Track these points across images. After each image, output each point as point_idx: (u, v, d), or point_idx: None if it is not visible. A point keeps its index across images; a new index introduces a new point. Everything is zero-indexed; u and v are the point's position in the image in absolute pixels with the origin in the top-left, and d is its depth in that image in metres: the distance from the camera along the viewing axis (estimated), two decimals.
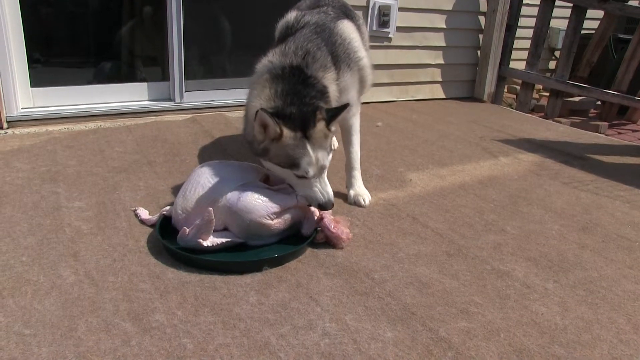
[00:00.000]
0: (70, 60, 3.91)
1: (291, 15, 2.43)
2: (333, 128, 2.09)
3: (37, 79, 3.50)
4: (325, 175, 2.07)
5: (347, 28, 2.44)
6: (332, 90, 2.22)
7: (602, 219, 2.47)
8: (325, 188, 2.05)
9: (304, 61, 2.17)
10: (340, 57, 2.31)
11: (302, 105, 2.04)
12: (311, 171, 2.00)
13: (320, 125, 2.01)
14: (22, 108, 3.44)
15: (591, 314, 1.71)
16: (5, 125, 3.33)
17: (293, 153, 1.99)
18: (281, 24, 2.46)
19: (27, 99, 3.48)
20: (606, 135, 4.42)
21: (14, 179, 2.55)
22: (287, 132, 1.99)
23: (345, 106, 2.09)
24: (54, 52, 3.84)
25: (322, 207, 2.04)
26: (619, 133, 4.66)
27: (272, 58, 2.24)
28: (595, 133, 4.34)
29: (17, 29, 3.32)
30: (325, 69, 2.21)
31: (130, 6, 4.02)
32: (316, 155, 2.00)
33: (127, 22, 4.05)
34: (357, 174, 2.55)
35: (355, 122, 2.53)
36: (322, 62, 2.21)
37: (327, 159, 2.04)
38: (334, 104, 2.21)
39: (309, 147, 1.99)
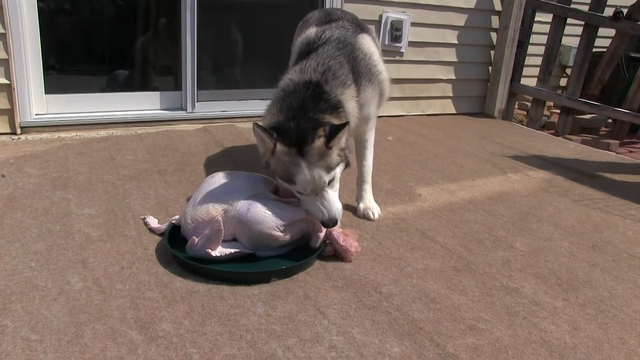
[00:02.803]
0: (84, 68, 3.95)
1: (311, 31, 2.41)
2: (342, 144, 2.04)
3: (52, 86, 3.54)
4: (330, 191, 2.01)
5: (367, 42, 2.44)
6: (351, 106, 2.20)
7: (612, 237, 2.44)
8: (326, 204, 1.98)
9: (323, 77, 2.15)
10: (361, 72, 2.30)
11: (304, 121, 2.00)
12: (307, 189, 1.97)
13: (319, 142, 1.96)
14: (35, 114, 3.48)
15: (601, 334, 1.69)
16: (18, 130, 3.37)
17: (288, 169, 1.97)
18: (301, 39, 2.44)
19: (41, 105, 3.51)
20: (617, 153, 4.39)
21: (25, 184, 2.57)
22: (280, 147, 1.96)
23: (344, 125, 1.99)
24: (69, 59, 3.89)
25: (323, 224, 2.01)
26: (630, 151, 4.63)
27: (291, 75, 2.22)
28: (606, 151, 4.31)
29: (35, 37, 3.37)
30: (345, 86, 2.19)
31: (144, 16, 4.06)
32: (311, 173, 1.94)
33: (142, 31, 4.09)
34: (368, 188, 2.54)
35: (371, 137, 2.52)
36: (343, 80, 2.19)
37: (325, 177, 1.96)
38: (353, 120, 2.20)
39: (303, 164, 1.94)
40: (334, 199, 2.02)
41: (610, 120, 5.14)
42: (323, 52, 2.27)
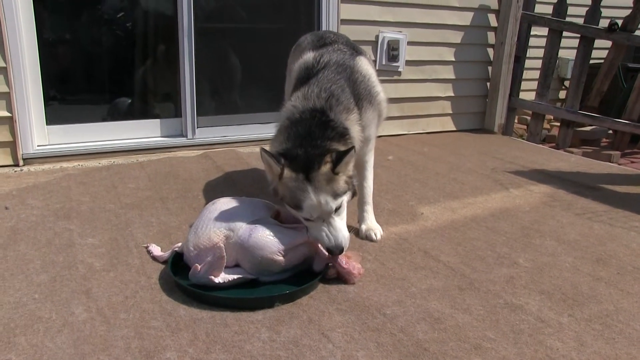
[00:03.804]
0: (84, 98, 3.98)
1: (309, 56, 2.43)
2: (349, 171, 2.06)
3: (53, 117, 3.58)
4: (337, 219, 2.01)
5: (365, 64, 2.47)
6: (356, 131, 2.22)
7: (616, 250, 2.43)
8: (333, 232, 1.98)
9: (327, 104, 2.17)
10: (361, 94, 2.32)
11: (312, 148, 2.02)
12: (314, 214, 1.97)
13: (326, 168, 1.98)
14: (37, 145, 3.51)
15: (609, 350, 1.67)
16: (21, 162, 3.40)
17: (295, 195, 1.98)
18: (299, 65, 2.45)
19: (43, 136, 3.55)
20: (619, 164, 4.39)
21: (28, 215, 2.58)
22: (287, 173, 1.99)
23: (349, 150, 2.01)
24: (69, 90, 3.92)
25: (329, 251, 2.00)
26: (632, 162, 4.63)
27: (295, 102, 2.24)
28: (607, 163, 4.31)
29: (35, 69, 3.41)
30: (349, 111, 2.22)
31: (143, 44, 4.11)
32: (318, 199, 1.95)
33: (140, 60, 4.13)
34: (370, 209, 2.54)
35: (370, 158, 2.53)
36: (346, 105, 2.21)
37: (331, 203, 1.97)
38: (357, 144, 2.21)
39: (310, 190, 1.96)
40: (341, 226, 2.02)
41: (610, 132, 5.15)
42: (323, 77, 2.28)
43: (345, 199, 2.05)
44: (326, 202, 1.96)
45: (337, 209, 2.01)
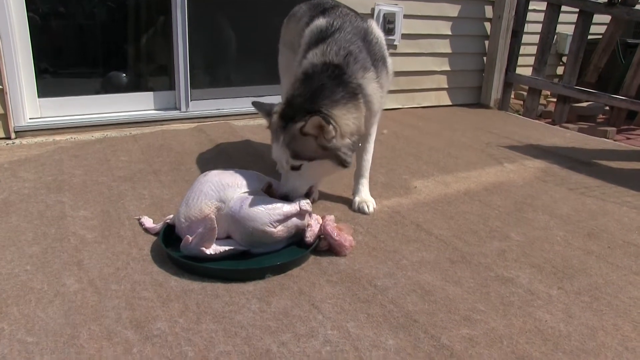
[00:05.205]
0: (76, 71, 3.94)
1: (321, 21, 2.39)
2: (327, 142, 2.07)
3: (45, 90, 3.54)
4: (295, 173, 2.13)
5: (377, 27, 2.47)
6: (373, 87, 2.24)
7: (608, 225, 2.44)
8: (283, 181, 2.17)
9: (345, 61, 2.20)
10: (377, 55, 2.33)
11: (310, 103, 2.08)
12: (276, 161, 2.19)
13: (298, 125, 2.04)
14: (29, 118, 3.48)
15: (596, 321, 1.69)
16: (13, 135, 3.37)
17: (272, 138, 2.19)
18: (311, 29, 2.40)
19: (35, 109, 3.51)
20: (614, 140, 4.39)
21: (20, 188, 2.57)
22: (275, 118, 2.16)
23: (328, 121, 2.04)
24: (62, 62, 3.87)
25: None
26: (628, 138, 4.63)
27: (312, 59, 2.25)
28: (603, 138, 4.31)
29: (25, 41, 3.36)
30: (365, 69, 2.23)
31: (136, 17, 4.05)
32: (278, 149, 2.12)
33: (133, 31, 4.08)
34: (365, 182, 2.54)
35: (373, 131, 2.52)
36: (363, 64, 2.23)
37: (286, 158, 2.10)
38: (377, 103, 2.29)
39: (280, 140, 2.11)
40: (289, 180, 2.15)
41: (607, 108, 5.14)
42: (340, 37, 2.28)
43: (309, 164, 2.12)
44: (280, 156, 2.12)
45: (295, 168, 2.12)
